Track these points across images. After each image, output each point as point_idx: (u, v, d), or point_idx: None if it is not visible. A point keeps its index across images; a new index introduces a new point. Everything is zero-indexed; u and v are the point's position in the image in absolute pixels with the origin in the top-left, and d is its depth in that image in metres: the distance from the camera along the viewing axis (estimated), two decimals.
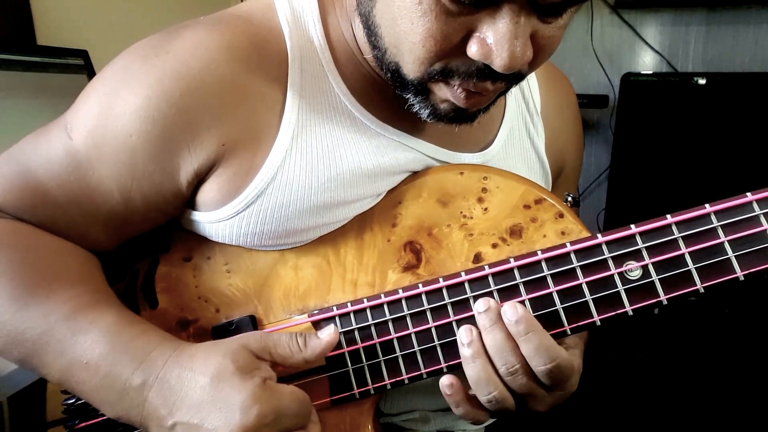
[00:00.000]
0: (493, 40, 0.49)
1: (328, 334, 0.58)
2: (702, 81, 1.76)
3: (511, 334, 0.55)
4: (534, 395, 0.57)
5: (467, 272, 0.59)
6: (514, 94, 0.75)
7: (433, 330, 0.59)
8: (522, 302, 0.57)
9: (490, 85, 0.54)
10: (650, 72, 1.99)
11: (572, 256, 0.57)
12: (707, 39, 1.96)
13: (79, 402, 0.63)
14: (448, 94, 0.56)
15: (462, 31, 0.51)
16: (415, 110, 0.60)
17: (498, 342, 0.55)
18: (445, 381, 0.57)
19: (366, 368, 0.61)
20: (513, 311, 0.54)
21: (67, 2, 1.42)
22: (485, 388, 0.56)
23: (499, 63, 0.50)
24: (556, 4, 0.49)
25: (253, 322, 0.64)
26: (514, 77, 0.55)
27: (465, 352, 0.56)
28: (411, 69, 0.54)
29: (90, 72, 1.34)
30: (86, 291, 0.60)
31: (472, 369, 0.56)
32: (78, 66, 1.32)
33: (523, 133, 0.75)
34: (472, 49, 0.50)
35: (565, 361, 0.55)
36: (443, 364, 0.59)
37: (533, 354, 0.54)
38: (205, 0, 1.84)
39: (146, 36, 0.62)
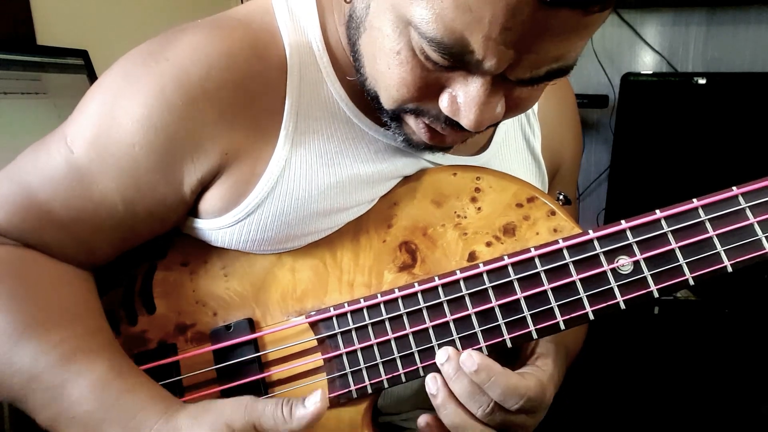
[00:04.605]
0: (463, 100, 0.50)
1: (314, 403, 0.53)
2: (702, 81, 1.75)
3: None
4: (515, 424, 0.57)
5: (462, 270, 0.59)
6: None
7: (430, 328, 0.59)
8: (516, 300, 0.57)
9: (459, 133, 0.55)
10: (650, 72, 1.99)
11: (565, 252, 0.57)
12: (707, 39, 1.95)
13: None
14: (414, 128, 0.57)
15: (435, 84, 0.52)
16: (391, 132, 0.61)
17: (466, 388, 0.55)
18: (422, 422, 0.59)
19: (363, 368, 0.61)
20: (471, 361, 0.54)
21: (67, 2, 1.42)
22: (462, 430, 0.56)
23: (466, 123, 0.51)
24: (525, 80, 0.49)
25: (251, 325, 0.64)
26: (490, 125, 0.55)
27: (435, 402, 0.57)
28: (386, 102, 0.56)
29: (90, 72, 1.34)
30: (80, 332, 0.59)
31: (446, 417, 0.57)
32: (78, 66, 1.32)
33: (519, 134, 0.75)
34: (443, 103, 0.52)
35: (534, 392, 0.55)
36: None
37: (502, 398, 0.54)
38: (204, 0, 1.85)
39: (146, 36, 0.61)
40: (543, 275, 0.57)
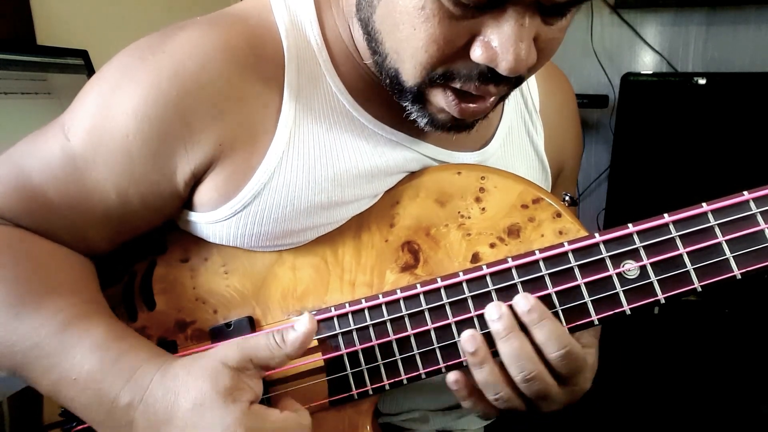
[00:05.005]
0: (498, 43, 0.49)
1: (303, 324, 0.56)
2: (702, 81, 1.76)
3: (528, 340, 0.55)
4: (547, 396, 0.56)
5: (465, 272, 0.58)
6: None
7: (432, 330, 0.59)
8: None
9: (493, 88, 0.54)
10: (650, 72, 1.99)
11: (570, 255, 0.56)
12: (707, 39, 1.96)
13: None
14: (442, 102, 0.56)
15: (465, 35, 0.51)
16: (412, 118, 0.60)
17: (514, 350, 0.54)
18: (451, 378, 0.57)
19: (364, 369, 0.61)
20: (525, 301, 0.54)
21: (67, 2, 1.42)
22: (492, 389, 0.56)
23: (504, 66, 0.49)
24: (560, 5, 0.49)
25: (251, 324, 0.64)
26: (516, 80, 0.55)
27: (471, 359, 0.56)
28: (411, 75, 0.54)
29: (90, 72, 1.34)
30: (78, 301, 0.59)
31: (480, 374, 0.56)
32: (78, 66, 1.32)
33: (522, 131, 0.75)
34: (477, 53, 0.50)
35: (576, 348, 0.55)
36: (441, 365, 0.59)
37: (546, 340, 0.54)
38: (204, 0, 1.84)
39: (146, 36, 0.62)
40: (547, 278, 0.57)
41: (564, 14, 0.51)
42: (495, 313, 0.55)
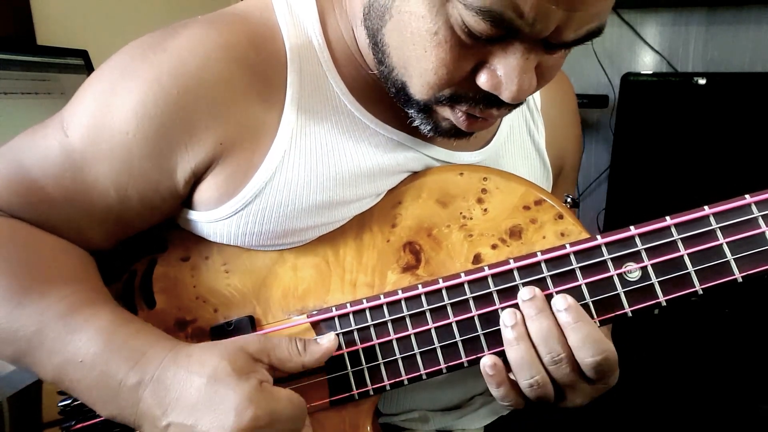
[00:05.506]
0: (503, 73, 0.51)
1: (328, 340, 0.59)
2: (702, 81, 1.75)
3: (557, 323, 0.54)
4: (575, 387, 0.56)
5: (467, 273, 0.58)
6: None
7: (433, 331, 0.59)
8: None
9: (496, 111, 0.56)
10: (650, 72, 1.99)
11: (572, 257, 0.56)
12: (707, 39, 1.95)
13: (76, 403, 0.63)
14: (451, 117, 0.57)
15: (473, 61, 0.52)
16: (416, 125, 0.61)
17: (543, 330, 0.54)
18: (488, 361, 0.56)
19: (365, 369, 0.61)
20: (562, 301, 0.54)
21: (67, 2, 1.42)
22: (527, 371, 0.55)
23: (507, 95, 0.51)
24: (565, 43, 0.50)
25: (252, 323, 0.64)
26: (517, 104, 0.56)
27: (508, 334, 0.55)
28: (419, 91, 0.56)
29: (90, 72, 1.33)
30: (82, 289, 0.60)
31: (516, 351, 0.55)
32: (78, 66, 1.32)
33: (524, 130, 0.75)
34: (482, 79, 0.52)
35: (613, 354, 0.54)
36: (443, 365, 0.59)
37: (581, 344, 0.53)
38: (205, 0, 1.84)
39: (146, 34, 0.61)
40: (549, 280, 0.57)
41: (568, 48, 0.52)
42: (527, 294, 0.56)
